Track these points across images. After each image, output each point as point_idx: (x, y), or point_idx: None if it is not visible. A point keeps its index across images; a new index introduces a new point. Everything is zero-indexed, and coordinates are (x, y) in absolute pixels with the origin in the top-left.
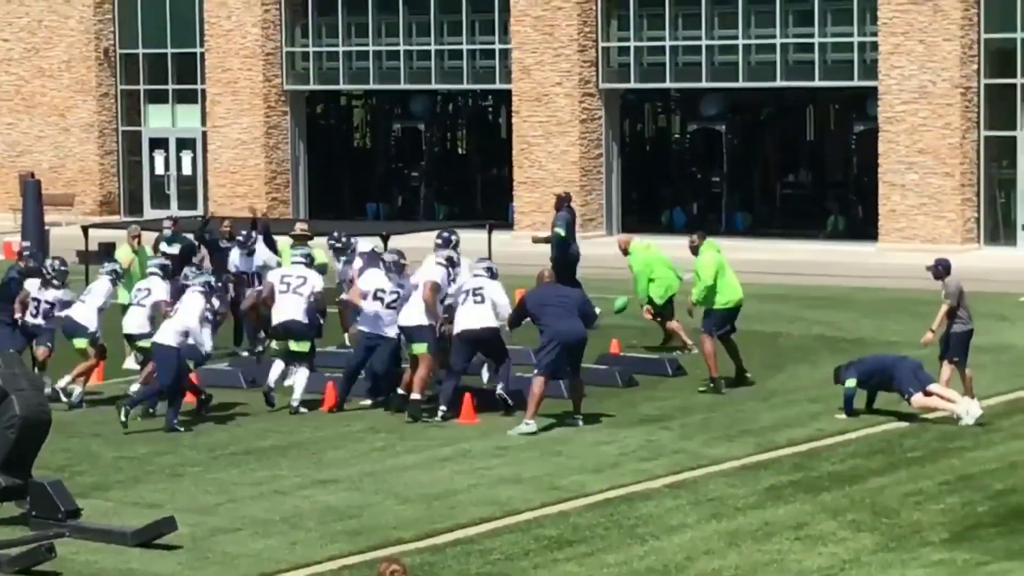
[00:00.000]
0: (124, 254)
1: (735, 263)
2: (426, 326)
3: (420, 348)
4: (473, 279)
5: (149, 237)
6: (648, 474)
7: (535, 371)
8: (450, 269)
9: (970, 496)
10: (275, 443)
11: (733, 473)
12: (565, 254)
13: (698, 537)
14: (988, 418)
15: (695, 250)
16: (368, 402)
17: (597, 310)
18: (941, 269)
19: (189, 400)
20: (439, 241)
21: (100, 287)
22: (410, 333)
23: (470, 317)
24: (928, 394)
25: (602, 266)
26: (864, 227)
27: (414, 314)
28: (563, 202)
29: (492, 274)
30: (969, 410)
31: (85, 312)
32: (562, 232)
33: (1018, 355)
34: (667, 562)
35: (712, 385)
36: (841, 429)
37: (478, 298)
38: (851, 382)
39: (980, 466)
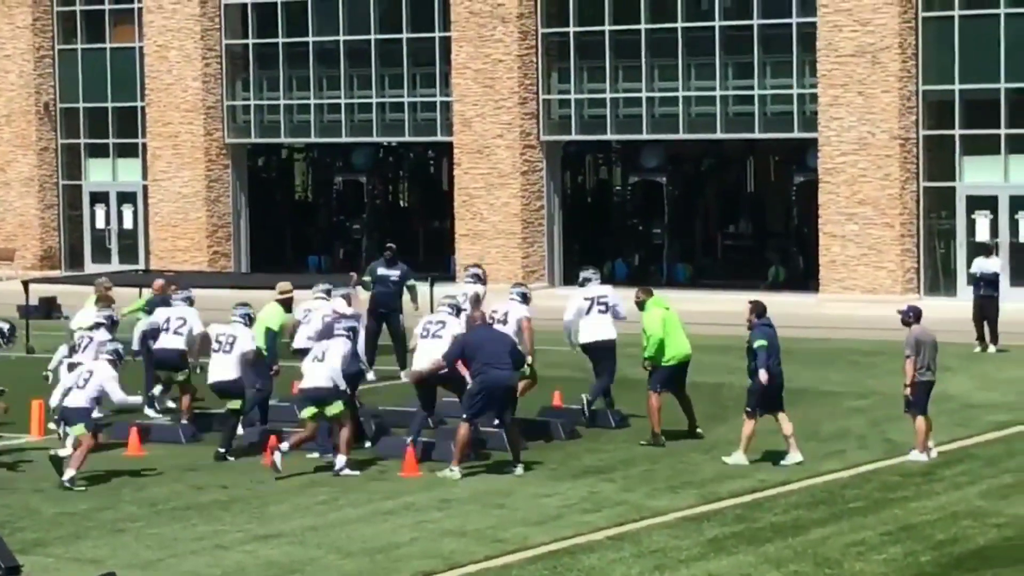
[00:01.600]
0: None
1: (676, 314)
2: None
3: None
4: (598, 288)
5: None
6: (591, 526)
7: (462, 416)
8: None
9: (912, 546)
10: (216, 498)
11: (676, 525)
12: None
13: None
14: (929, 468)
15: (640, 305)
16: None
17: (529, 359)
18: (911, 316)
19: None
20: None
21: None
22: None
23: (599, 327)
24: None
25: (542, 318)
26: (804, 278)
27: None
28: (395, 254)
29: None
30: (792, 456)
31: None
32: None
33: (959, 405)
34: None
35: (653, 441)
36: (783, 480)
37: (602, 307)
38: (762, 342)
39: (922, 516)
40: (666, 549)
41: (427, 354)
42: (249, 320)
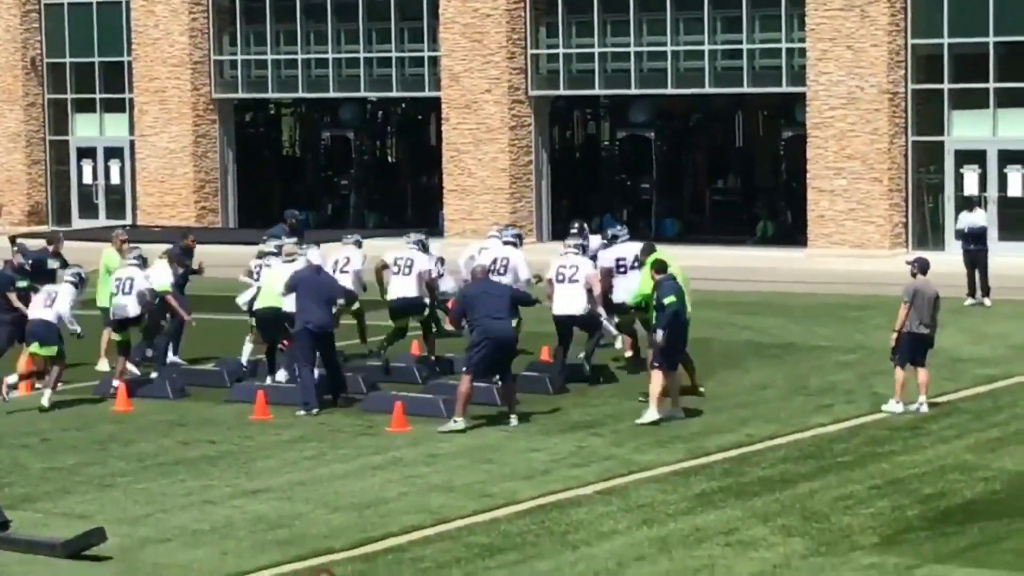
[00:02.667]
0: (110, 258)
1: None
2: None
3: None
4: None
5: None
6: (579, 480)
7: (463, 369)
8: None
9: (900, 500)
10: (204, 453)
11: (664, 479)
12: None
13: (629, 543)
14: (917, 422)
15: (640, 264)
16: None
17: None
18: (917, 267)
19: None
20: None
21: (63, 292)
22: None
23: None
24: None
25: None
26: (793, 233)
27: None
28: (299, 222)
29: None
30: (648, 415)
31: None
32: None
33: (946, 359)
34: (598, 569)
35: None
36: (771, 434)
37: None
38: (672, 298)
39: (909, 470)
40: (654, 503)
41: (566, 298)
42: (422, 247)
